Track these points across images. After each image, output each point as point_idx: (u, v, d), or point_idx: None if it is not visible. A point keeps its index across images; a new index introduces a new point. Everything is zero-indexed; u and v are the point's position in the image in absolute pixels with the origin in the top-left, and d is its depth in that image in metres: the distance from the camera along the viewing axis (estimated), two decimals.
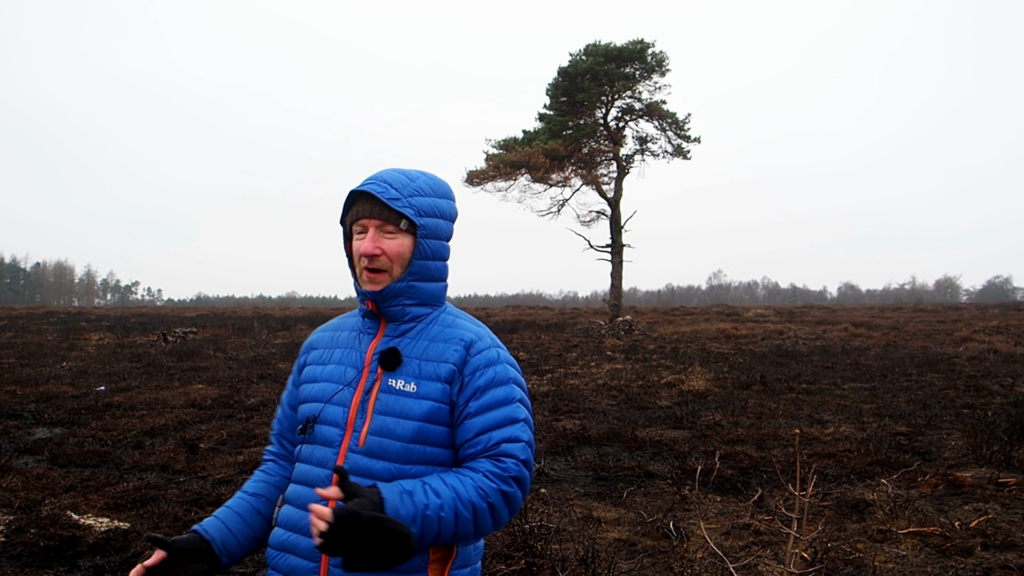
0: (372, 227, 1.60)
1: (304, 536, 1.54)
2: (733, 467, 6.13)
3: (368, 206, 1.61)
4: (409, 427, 1.54)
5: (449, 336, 1.62)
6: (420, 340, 1.63)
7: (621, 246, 28.01)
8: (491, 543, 4.03)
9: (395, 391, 1.56)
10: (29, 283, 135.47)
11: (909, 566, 3.89)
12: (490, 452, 1.52)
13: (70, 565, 4.03)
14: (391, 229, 1.61)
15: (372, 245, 1.59)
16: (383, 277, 1.62)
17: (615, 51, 27.49)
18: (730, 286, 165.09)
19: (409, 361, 1.59)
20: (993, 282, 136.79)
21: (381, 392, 1.57)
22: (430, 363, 1.59)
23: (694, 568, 3.87)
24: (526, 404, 1.62)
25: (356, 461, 1.54)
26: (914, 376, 12.36)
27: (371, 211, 1.60)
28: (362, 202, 1.62)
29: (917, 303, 63.34)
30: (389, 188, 1.59)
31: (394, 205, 1.58)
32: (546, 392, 10.60)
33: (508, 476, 1.49)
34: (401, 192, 1.60)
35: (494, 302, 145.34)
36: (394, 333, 1.65)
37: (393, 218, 1.60)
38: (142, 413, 8.59)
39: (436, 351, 1.60)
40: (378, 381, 1.58)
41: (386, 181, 1.61)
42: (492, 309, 54.85)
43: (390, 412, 1.55)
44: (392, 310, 1.64)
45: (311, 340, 1.80)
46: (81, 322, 30.05)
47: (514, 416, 1.55)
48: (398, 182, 1.62)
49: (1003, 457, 6.06)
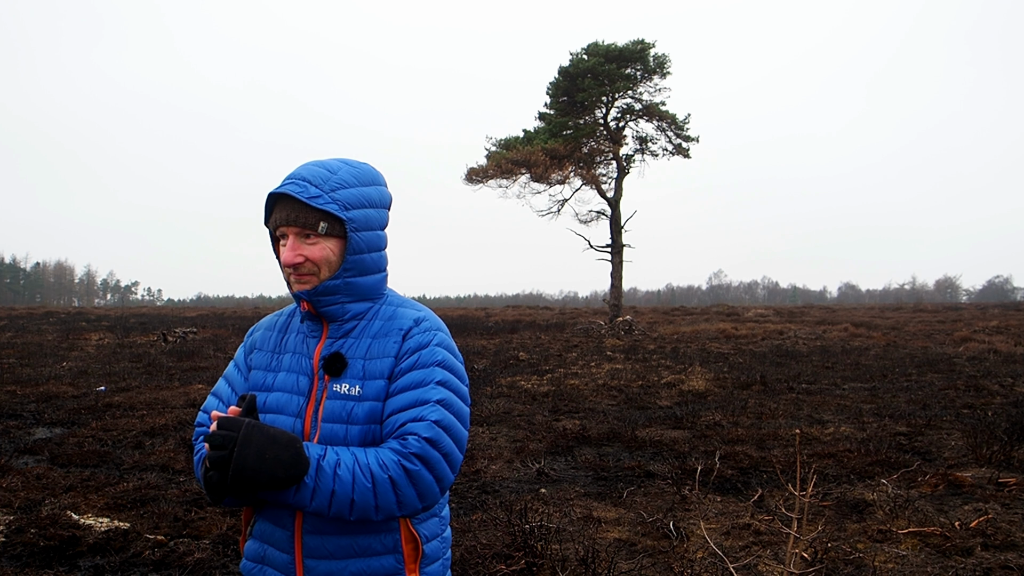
0: (291, 234, 1.54)
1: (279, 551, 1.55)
2: (733, 467, 6.13)
3: (286, 212, 1.53)
4: (355, 431, 1.50)
5: (388, 329, 1.58)
6: (363, 339, 1.58)
7: (621, 246, 28.02)
8: (491, 543, 4.03)
9: (340, 396, 1.52)
10: (29, 283, 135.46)
11: (909, 566, 3.88)
12: (396, 434, 1.48)
13: (70, 565, 4.03)
14: (311, 235, 1.54)
15: (293, 254, 1.53)
16: (310, 279, 1.56)
17: (616, 51, 27.49)
18: (730, 286, 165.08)
19: (354, 362, 1.55)
20: (993, 282, 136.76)
21: (328, 399, 1.53)
22: (373, 361, 1.55)
23: (694, 568, 3.87)
24: (450, 385, 1.54)
25: None
26: (914, 376, 12.36)
27: (288, 217, 1.53)
28: (281, 206, 1.55)
29: (917, 303, 63.34)
30: (308, 186, 1.51)
31: (315, 203, 1.50)
32: (546, 392, 10.60)
33: (409, 452, 1.44)
34: (322, 188, 1.52)
35: (494, 302, 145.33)
36: (337, 334, 1.59)
37: (311, 222, 1.52)
38: (142, 413, 8.59)
39: (377, 348, 1.56)
40: (325, 389, 1.54)
41: (304, 179, 1.53)
42: (492, 309, 54.84)
43: (336, 419, 1.51)
44: (330, 309, 1.58)
45: (254, 340, 1.72)
46: (81, 322, 30.05)
47: (424, 398, 1.49)
48: (318, 177, 1.53)
49: (1003, 457, 6.06)
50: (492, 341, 20.53)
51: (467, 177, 28.54)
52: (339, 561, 1.51)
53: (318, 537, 1.51)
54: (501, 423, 8.30)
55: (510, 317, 37.36)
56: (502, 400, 9.89)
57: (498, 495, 5.45)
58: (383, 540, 1.52)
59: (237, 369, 1.71)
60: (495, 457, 6.62)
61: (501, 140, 28.86)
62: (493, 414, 8.78)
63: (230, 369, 1.72)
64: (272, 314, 1.77)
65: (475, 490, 5.64)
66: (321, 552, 1.51)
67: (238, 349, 1.75)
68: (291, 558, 1.53)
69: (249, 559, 1.60)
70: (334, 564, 1.51)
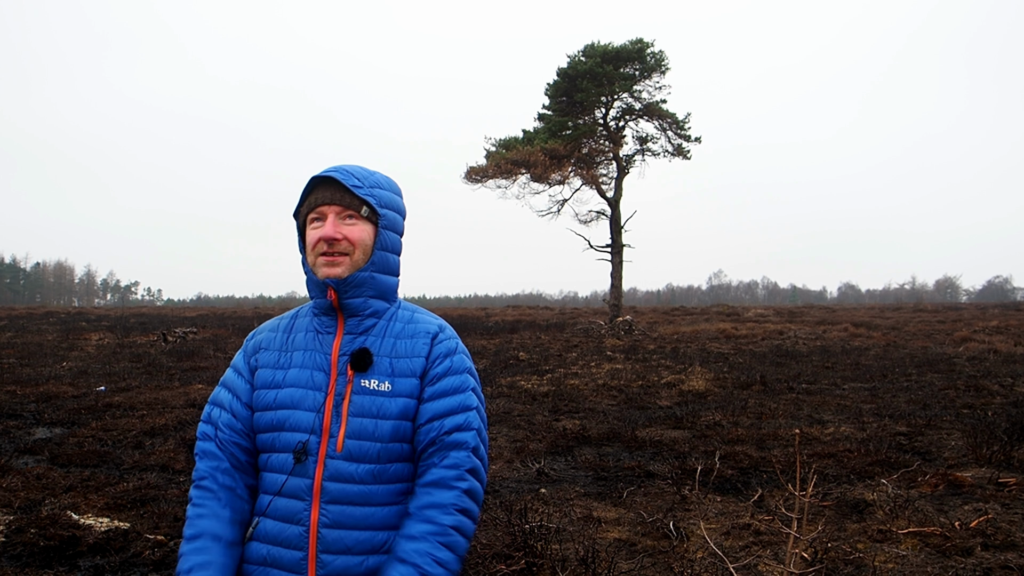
0: (332, 213, 1.57)
1: (288, 549, 1.52)
2: (733, 467, 6.13)
3: (328, 193, 1.58)
4: (386, 427, 1.53)
5: (414, 331, 1.62)
6: (386, 338, 1.61)
7: (621, 246, 28.00)
8: (491, 543, 4.03)
9: (369, 391, 1.55)
10: (29, 283, 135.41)
11: (909, 566, 3.88)
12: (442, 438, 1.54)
13: (70, 565, 4.03)
14: (352, 215, 1.58)
15: (334, 229, 1.56)
16: (343, 260, 1.58)
17: (613, 51, 27.46)
18: (730, 286, 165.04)
19: (380, 359, 1.57)
20: (993, 282, 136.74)
21: (355, 394, 1.54)
22: (402, 360, 1.58)
23: (694, 568, 3.87)
24: (478, 394, 1.65)
25: (336, 467, 1.52)
26: (914, 376, 12.35)
27: (331, 197, 1.57)
28: (321, 190, 1.59)
29: (917, 303, 63.33)
30: (351, 176, 1.58)
31: (358, 192, 1.56)
32: (546, 392, 10.60)
33: (464, 470, 1.54)
34: (363, 181, 1.59)
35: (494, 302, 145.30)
36: (356, 331, 1.61)
37: (355, 204, 1.58)
38: (142, 413, 8.59)
39: (405, 347, 1.60)
40: (350, 383, 1.55)
41: (348, 170, 1.59)
42: (492, 309, 54.82)
43: (366, 414, 1.53)
44: (354, 302, 1.60)
45: (259, 340, 1.71)
46: (81, 322, 30.04)
47: (467, 404, 1.58)
48: (359, 172, 1.61)
49: (1003, 457, 6.06)
50: (492, 341, 20.53)
51: (467, 176, 28.51)
52: (356, 556, 1.51)
53: (338, 531, 1.51)
54: (501, 423, 8.30)
55: (510, 317, 37.34)
56: (502, 400, 9.89)
57: (498, 495, 5.45)
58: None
59: (238, 374, 1.68)
60: (495, 457, 6.62)
61: (500, 140, 28.85)
62: (493, 414, 8.78)
63: (229, 376, 1.70)
64: (272, 319, 1.77)
65: None
66: (339, 547, 1.51)
67: (236, 356, 1.73)
68: (303, 554, 1.51)
69: (253, 562, 1.56)
70: (351, 559, 1.51)
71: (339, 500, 1.51)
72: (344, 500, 1.51)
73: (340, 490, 1.51)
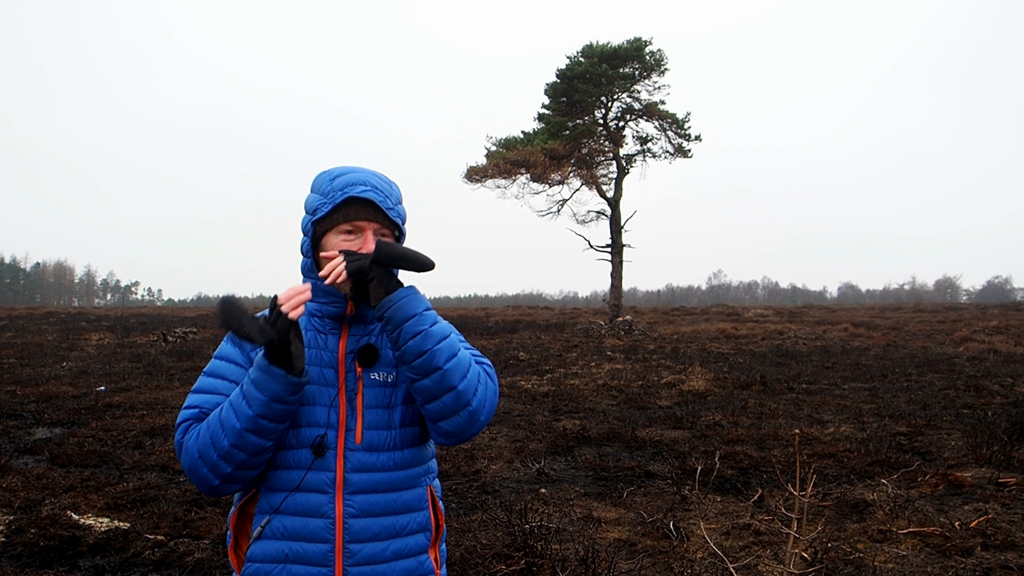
0: (370, 230, 1.62)
1: (312, 543, 1.54)
2: (733, 467, 6.13)
3: (367, 211, 1.62)
4: (397, 414, 1.62)
5: None
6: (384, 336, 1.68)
7: (621, 246, 28.00)
8: (491, 543, 4.03)
9: (378, 384, 1.62)
10: (29, 283, 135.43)
11: (909, 566, 3.88)
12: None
13: (70, 565, 4.03)
14: (386, 234, 1.65)
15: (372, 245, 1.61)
16: None
17: (611, 51, 27.45)
18: (730, 286, 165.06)
19: (384, 352, 1.65)
20: (993, 282, 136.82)
21: (366, 388, 1.61)
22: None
23: (694, 568, 3.87)
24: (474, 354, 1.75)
25: (359, 458, 1.57)
26: (914, 376, 12.36)
27: (372, 215, 1.62)
28: (358, 206, 1.62)
29: (917, 303, 63.32)
30: (386, 198, 1.63)
31: (390, 214, 1.63)
32: (546, 392, 10.60)
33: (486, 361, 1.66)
34: (391, 199, 1.65)
35: (494, 302, 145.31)
36: (362, 332, 1.68)
37: (388, 224, 1.65)
38: (142, 413, 8.59)
39: None
40: (360, 378, 1.62)
41: (380, 189, 1.63)
42: (492, 309, 54.82)
43: (378, 404, 1.61)
44: (369, 313, 1.66)
45: None
46: (81, 322, 30.04)
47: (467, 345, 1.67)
48: (387, 189, 1.65)
49: (1003, 457, 6.06)
50: (492, 341, 20.53)
51: (467, 175, 28.53)
52: (382, 542, 1.57)
53: (365, 520, 1.55)
54: (501, 423, 8.30)
55: (510, 317, 37.34)
56: (502, 400, 9.89)
57: (498, 495, 5.45)
58: (417, 519, 1.62)
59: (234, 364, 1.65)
60: (495, 457, 6.62)
61: (500, 140, 28.85)
62: (493, 414, 8.77)
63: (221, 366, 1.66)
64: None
65: (475, 490, 5.64)
66: (367, 535, 1.55)
67: (225, 347, 1.68)
68: (330, 547, 1.53)
69: (266, 561, 1.55)
70: (377, 546, 1.56)
71: (364, 490, 1.56)
72: (369, 489, 1.57)
73: (364, 480, 1.57)
